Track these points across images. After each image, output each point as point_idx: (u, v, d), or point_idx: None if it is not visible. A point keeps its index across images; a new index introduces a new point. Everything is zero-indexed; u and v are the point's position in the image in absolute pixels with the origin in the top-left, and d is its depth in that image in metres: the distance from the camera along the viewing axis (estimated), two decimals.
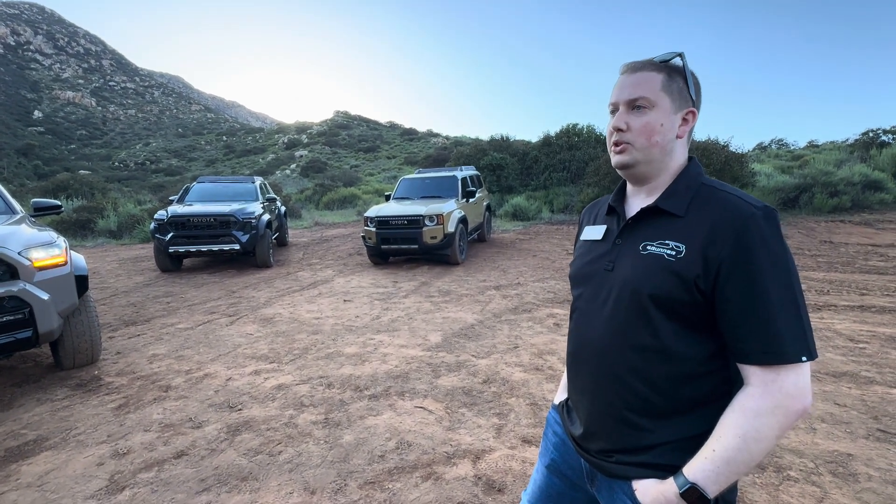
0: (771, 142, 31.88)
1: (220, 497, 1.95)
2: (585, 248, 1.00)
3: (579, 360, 0.94)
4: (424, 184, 8.37)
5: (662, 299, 0.78)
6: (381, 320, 4.48)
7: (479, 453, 2.24)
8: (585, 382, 0.92)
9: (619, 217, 0.94)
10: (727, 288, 0.73)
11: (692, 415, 0.81)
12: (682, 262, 0.77)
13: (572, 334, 0.98)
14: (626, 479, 0.84)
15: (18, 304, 2.74)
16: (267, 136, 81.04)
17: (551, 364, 3.30)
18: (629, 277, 0.83)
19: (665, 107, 0.83)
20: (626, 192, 0.99)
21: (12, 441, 2.44)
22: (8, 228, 3.00)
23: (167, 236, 6.87)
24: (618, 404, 0.85)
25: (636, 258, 0.84)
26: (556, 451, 1.06)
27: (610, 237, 0.94)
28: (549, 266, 6.90)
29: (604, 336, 0.87)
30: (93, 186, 18.77)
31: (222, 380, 3.16)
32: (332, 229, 12.74)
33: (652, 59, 0.85)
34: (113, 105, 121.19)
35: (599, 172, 12.55)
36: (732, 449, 0.71)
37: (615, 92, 0.87)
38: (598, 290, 0.90)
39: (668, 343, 0.79)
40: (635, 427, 0.83)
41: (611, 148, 0.89)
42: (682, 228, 0.80)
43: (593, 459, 0.91)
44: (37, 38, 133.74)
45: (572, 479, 1.01)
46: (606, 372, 0.86)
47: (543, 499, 1.07)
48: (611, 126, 0.87)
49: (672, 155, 0.86)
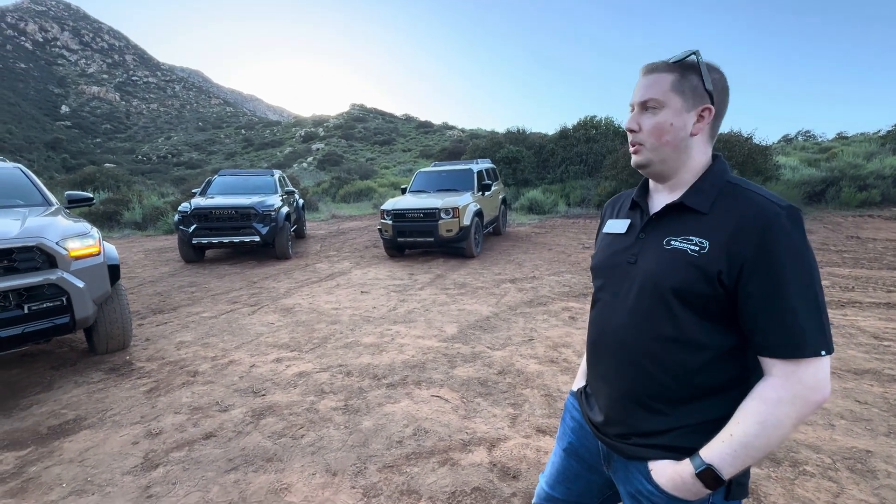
0: (797, 134, 30.86)
1: (247, 476, 2.06)
2: (608, 240, 1.03)
3: (600, 349, 0.98)
4: (440, 177, 8.40)
5: (684, 292, 0.81)
6: (398, 311, 4.56)
7: (495, 441, 2.29)
8: (606, 369, 0.96)
9: (643, 212, 0.97)
10: (750, 284, 0.77)
11: (708, 401, 0.84)
12: (706, 257, 0.80)
13: (593, 323, 1.01)
14: (643, 460, 0.89)
15: (57, 291, 2.89)
16: (284, 130, 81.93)
17: (566, 357, 3.33)
18: (652, 271, 0.86)
19: (675, 106, 0.85)
20: (649, 188, 1.01)
21: (54, 420, 2.59)
22: (46, 219, 3.15)
23: (191, 228, 7.07)
24: (637, 390, 0.89)
25: (659, 252, 0.87)
26: (573, 434, 1.10)
27: (633, 231, 0.97)
28: (565, 260, 6.87)
29: (625, 326, 0.90)
30: (118, 179, 19.33)
31: (246, 366, 3.28)
32: (348, 222, 12.89)
33: (664, 61, 0.88)
34: (136, 99, 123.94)
35: (617, 165, 12.37)
36: (751, 434, 0.75)
37: (633, 93, 0.91)
38: (621, 282, 0.93)
39: (688, 333, 0.82)
40: (653, 411, 0.87)
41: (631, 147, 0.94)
42: (706, 225, 0.83)
43: (610, 442, 0.95)
44: (63, 34, 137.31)
45: (589, 461, 1.06)
46: (626, 360, 0.90)
47: (561, 480, 1.12)
48: (625, 127, 0.92)
49: (688, 153, 0.88)
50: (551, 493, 1.14)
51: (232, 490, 1.96)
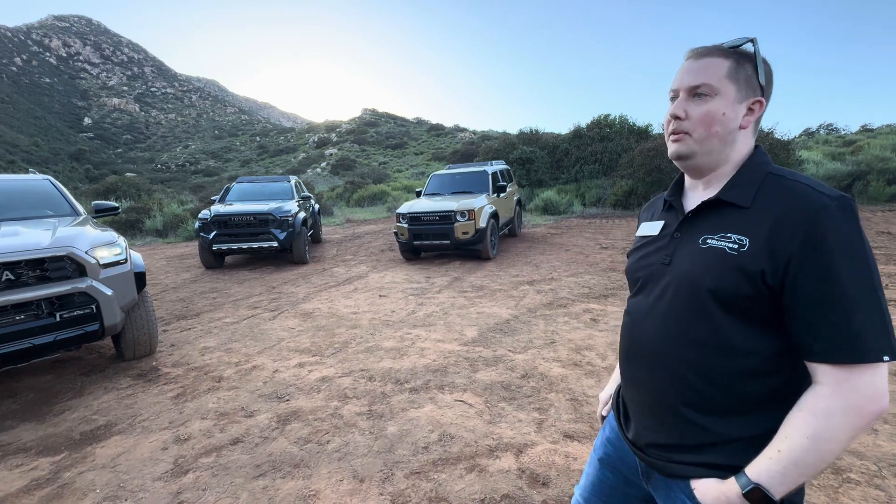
0: (819, 127, 30.03)
1: (275, 482, 2.06)
2: (642, 243, 0.99)
3: (633, 355, 0.93)
4: (455, 179, 8.39)
5: (723, 294, 0.76)
6: (417, 315, 4.55)
7: (522, 447, 2.25)
8: (639, 377, 0.91)
9: (677, 211, 0.93)
10: (798, 283, 0.71)
11: (755, 413, 0.78)
12: (746, 255, 0.74)
13: (626, 328, 0.97)
14: (685, 478, 0.83)
15: (87, 299, 2.96)
16: (298, 136, 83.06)
17: (590, 360, 3.27)
18: (687, 272, 0.82)
19: (729, 95, 0.80)
20: (683, 186, 0.97)
21: (86, 425, 2.65)
22: (75, 229, 3.23)
23: (211, 235, 7.20)
24: (673, 400, 0.84)
25: (695, 252, 0.82)
26: (610, 445, 1.05)
27: (667, 231, 0.92)
28: (583, 261, 6.79)
29: (659, 330, 0.85)
30: (139, 188, 19.84)
31: (269, 372, 3.31)
32: (363, 226, 12.97)
33: (720, 45, 0.83)
34: (155, 110, 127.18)
35: (633, 164, 12.20)
36: (800, 449, 0.68)
37: (677, 78, 0.85)
38: (655, 285, 0.89)
39: (729, 338, 0.77)
40: (691, 423, 0.82)
41: (668, 136, 0.88)
42: (746, 221, 0.77)
43: (648, 458, 0.90)
44: (85, 48, 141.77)
45: (627, 474, 1.01)
46: (661, 366, 0.85)
47: (596, 493, 1.07)
48: (669, 113, 0.85)
49: (733, 146, 0.83)
50: None
51: (261, 496, 1.97)
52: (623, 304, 4.53)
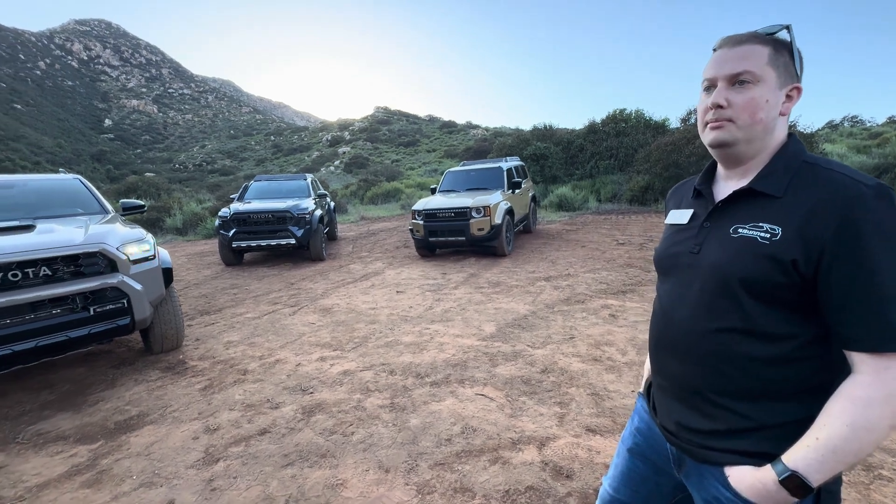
0: (843, 119, 29.16)
1: (303, 471, 2.11)
2: (670, 231, 1.00)
3: (664, 344, 0.94)
4: (469, 176, 8.39)
5: (754, 283, 0.76)
6: (435, 311, 4.58)
7: (544, 440, 2.27)
8: (670, 366, 0.92)
9: (707, 200, 0.93)
10: (832, 271, 0.71)
11: (788, 401, 0.78)
12: (778, 245, 0.74)
13: (656, 318, 0.97)
14: (718, 465, 0.83)
15: (118, 294, 3.06)
16: (311, 135, 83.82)
17: (610, 355, 3.26)
18: (717, 261, 0.82)
19: (771, 82, 0.80)
20: (714, 175, 0.97)
21: (119, 416, 2.74)
22: (106, 226, 3.33)
23: (230, 232, 7.34)
24: (705, 387, 0.84)
25: (725, 241, 0.82)
26: (639, 434, 1.06)
27: (697, 220, 0.92)
28: (600, 256, 6.74)
29: (689, 319, 0.86)
30: (158, 187, 20.29)
31: (292, 365, 3.38)
32: (377, 223, 13.06)
33: (756, 32, 0.83)
34: (172, 111, 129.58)
35: (650, 159, 12.03)
36: (840, 438, 0.68)
37: (712, 66, 0.84)
38: (684, 274, 0.89)
39: (760, 326, 0.77)
40: (724, 409, 0.82)
41: (703, 126, 0.87)
42: (779, 210, 0.77)
43: (681, 444, 0.90)
44: (105, 51, 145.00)
45: (657, 463, 1.01)
46: (692, 355, 0.86)
47: (626, 482, 1.08)
48: (707, 103, 0.84)
49: (773, 134, 0.83)
50: (616, 495, 1.10)
51: (290, 484, 2.02)
52: (642, 300, 4.49)
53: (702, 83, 0.87)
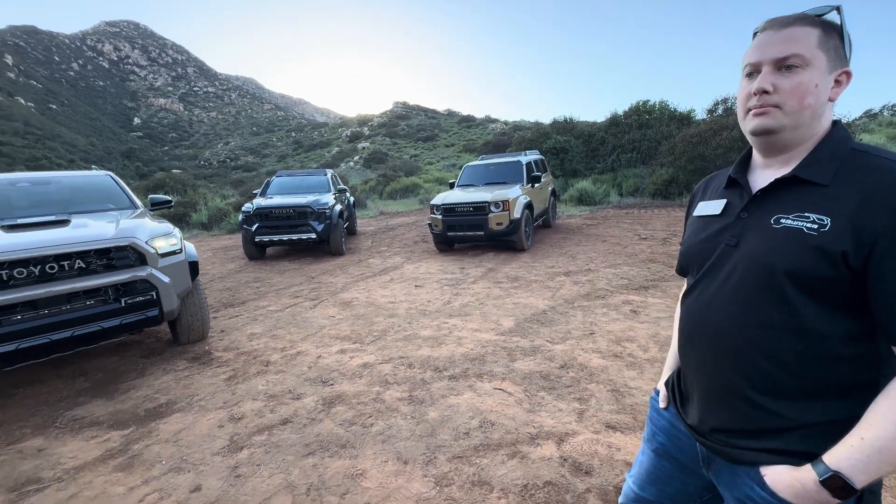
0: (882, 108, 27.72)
1: (324, 461, 2.15)
2: (701, 223, 0.96)
3: (696, 339, 0.90)
4: (489, 170, 8.34)
5: (800, 275, 0.73)
6: (453, 305, 4.59)
7: (563, 436, 2.25)
8: (703, 362, 0.89)
9: (743, 189, 0.89)
10: (884, 264, 0.68)
11: (830, 399, 0.75)
12: (827, 235, 0.71)
13: (687, 312, 0.94)
14: (753, 464, 0.81)
15: (147, 286, 3.16)
16: (331, 131, 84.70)
17: (631, 351, 3.20)
18: (759, 253, 0.79)
19: (821, 66, 0.76)
20: (749, 163, 0.94)
21: (149, 403, 2.85)
22: (135, 221, 3.45)
23: (253, 227, 7.50)
24: (741, 385, 0.81)
25: (767, 232, 0.79)
26: (663, 434, 1.04)
27: (732, 211, 0.89)
28: (621, 252, 6.61)
29: (726, 314, 0.83)
30: (184, 184, 20.86)
31: (313, 357, 3.44)
32: (396, 218, 13.13)
33: (804, 13, 0.79)
34: (197, 109, 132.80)
35: (674, 152, 11.71)
36: (886, 438, 0.66)
37: (756, 51, 0.81)
38: (719, 267, 0.86)
39: (805, 321, 0.74)
40: (761, 409, 0.79)
41: (744, 113, 0.84)
42: (826, 199, 0.74)
43: (711, 444, 0.88)
44: (134, 52, 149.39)
45: (685, 462, 0.99)
46: (728, 351, 0.82)
47: (651, 481, 1.06)
48: (751, 88, 0.81)
49: (820, 120, 0.80)
50: (641, 493, 1.08)
51: (311, 473, 2.07)
52: (665, 296, 4.39)
53: (743, 69, 0.84)
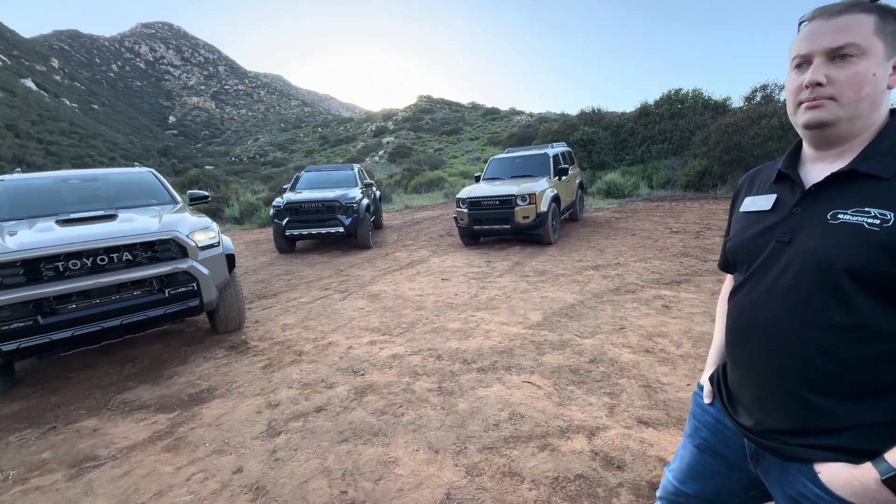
0: None
1: (357, 447, 2.22)
2: (749, 219, 0.93)
3: (746, 338, 0.88)
4: (514, 163, 8.26)
5: (860, 272, 0.71)
6: (480, 298, 4.60)
7: (594, 430, 2.24)
8: (754, 361, 0.87)
9: (794, 184, 0.86)
10: None
11: (893, 398, 0.73)
12: (890, 231, 0.69)
13: (737, 310, 0.92)
14: (807, 461, 0.79)
15: (188, 278, 3.31)
16: (356, 126, 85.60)
17: (663, 347, 3.14)
18: (815, 250, 0.76)
19: (878, 54, 0.73)
20: (799, 157, 0.91)
21: (192, 389, 3.00)
22: (176, 216, 3.60)
23: (284, 221, 7.70)
24: (795, 385, 0.79)
25: (824, 228, 0.76)
26: (707, 429, 1.02)
27: (783, 206, 0.86)
28: (652, 245, 6.45)
29: (780, 312, 0.81)
30: (217, 179, 21.58)
31: (344, 348, 3.53)
32: (421, 212, 13.20)
33: (858, 0, 0.76)
34: (228, 106, 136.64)
35: (709, 142, 11.29)
36: None
37: (806, 41, 0.78)
38: (771, 264, 0.84)
39: (867, 320, 0.72)
40: (816, 409, 0.77)
41: (794, 107, 0.81)
42: (889, 193, 0.71)
43: (761, 441, 0.86)
44: (168, 52, 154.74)
45: (730, 458, 0.97)
46: (782, 350, 0.80)
47: (693, 477, 1.05)
48: (803, 80, 0.78)
49: (879, 110, 0.77)
50: (682, 488, 1.07)
51: (346, 459, 2.13)
52: (699, 291, 4.27)
53: (791, 60, 0.81)
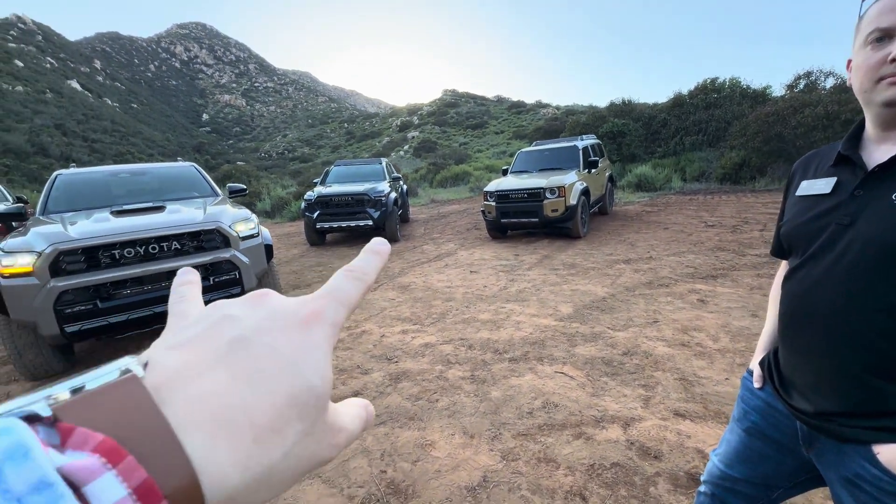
0: None
1: (394, 430, 2.29)
2: (806, 203, 0.93)
3: (803, 322, 0.88)
4: (543, 156, 8.18)
5: None
6: (509, 291, 4.61)
7: (629, 420, 2.24)
8: (811, 344, 0.87)
9: (856, 166, 0.85)
10: None
11: None
12: None
13: (793, 294, 0.92)
14: (865, 442, 0.79)
15: (231, 266, 3.47)
16: (382, 121, 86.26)
17: (699, 341, 3.08)
18: (878, 231, 0.76)
19: None
20: (860, 139, 0.89)
21: None
22: (219, 207, 3.77)
23: (315, 214, 7.89)
24: (854, 367, 0.79)
25: (888, 210, 0.76)
26: (756, 413, 1.02)
27: (844, 189, 0.85)
28: (685, 239, 6.29)
29: (840, 295, 0.81)
30: (248, 175, 22.28)
31: (377, 336, 3.62)
32: (447, 206, 13.24)
33: None
34: (258, 104, 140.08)
35: (747, 132, 10.85)
36: None
37: (886, 14, 0.76)
38: (829, 247, 0.83)
39: None
40: (876, 391, 0.77)
41: (872, 83, 0.79)
42: None
43: (816, 423, 0.86)
44: (202, 51, 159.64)
45: (782, 441, 0.98)
46: (843, 334, 0.80)
47: (741, 461, 1.05)
48: (887, 54, 0.75)
49: None
50: (729, 472, 1.08)
51: (384, 441, 2.21)
52: (736, 286, 4.15)
53: (867, 35, 0.79)
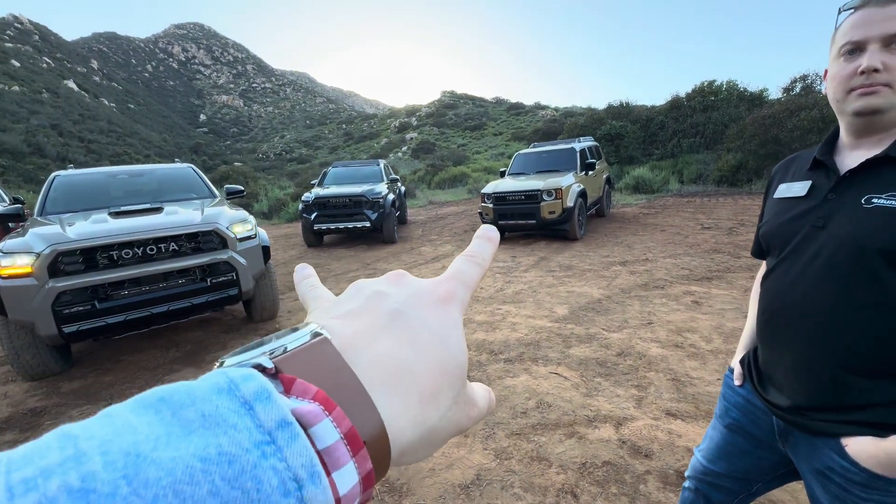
0: None
1: None
2: (783, 205, 0.96)
3: (781, 321, 0.92)
4: (541, 158, 8.22)
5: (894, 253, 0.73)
6: (505, 292, 4.64)
7: (621, 420, 2.27)
8: (787, 341, 0.90)
9: (829, 170, 0.89)
10: None
11: None
12: None
13: (770, 293, 0.95)
14: (835, 435, 0.82)
15: (228, 268, 3.48)
16: (380, 122, 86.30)
17: (693, 342, 3.12)
18: (848, 233, 0.79)
19: None
20: (835, 145, 0.93)
21: None
22: (216, 208, 3.78)
23: (312, 215, 7.90)
24: (826, 362, 0.82)
25: (858, 212, 0.79)
26: (737, 410, 1.05)
27: (818, 192, 0.89)
28: (682, 242, 6.33)
29: (814, 295, 0.84)
30: (246, 176, 22.25)
31: None
32: (444, 207, 13.27)
33: None
34: (255, 104, 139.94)
35: (744, 135, 10.92)
36: None
37: (860, 27, 0.79)
38: (804, 248, 0.87)
39: None
40: (848, 386, 0.80)
41: (844, 93, 0.83)
42: None
43: (790, 418, 0.89)
44: (199, 52, 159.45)
45: (759, 437, 1.01)
46: (815, 330, 0.83)
47: (723, 457, 1.08)
48: (856, 67, 0.79)
49: None
50: (711, 467, 1.11)
51: None
52: (730, 288, 4.19)
53: (840, 47, 0.82)
